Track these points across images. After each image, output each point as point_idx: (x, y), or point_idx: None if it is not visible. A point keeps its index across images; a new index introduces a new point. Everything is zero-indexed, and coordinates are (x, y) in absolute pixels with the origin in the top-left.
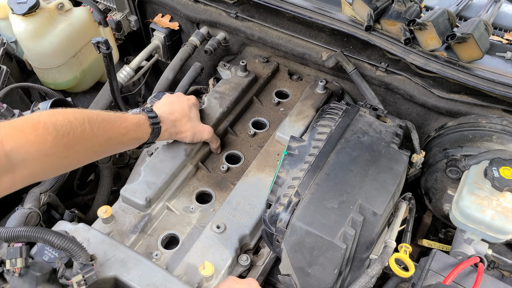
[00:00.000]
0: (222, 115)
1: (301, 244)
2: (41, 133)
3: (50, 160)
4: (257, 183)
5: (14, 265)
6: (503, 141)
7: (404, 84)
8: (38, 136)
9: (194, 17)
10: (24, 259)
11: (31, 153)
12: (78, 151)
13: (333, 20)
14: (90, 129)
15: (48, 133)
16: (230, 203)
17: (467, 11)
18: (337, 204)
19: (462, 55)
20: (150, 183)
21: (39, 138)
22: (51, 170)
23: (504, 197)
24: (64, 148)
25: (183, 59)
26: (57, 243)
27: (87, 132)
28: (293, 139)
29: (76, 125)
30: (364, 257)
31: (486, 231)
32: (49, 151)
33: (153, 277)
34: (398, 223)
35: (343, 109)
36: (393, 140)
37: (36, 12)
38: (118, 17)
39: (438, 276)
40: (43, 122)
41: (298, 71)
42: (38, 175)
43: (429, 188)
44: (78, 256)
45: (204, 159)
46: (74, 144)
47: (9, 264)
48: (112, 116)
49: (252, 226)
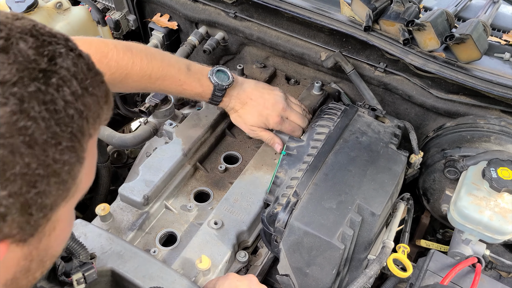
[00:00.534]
0: (219, 116)
1: (299, 244)
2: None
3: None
4: (254, 181)
5: None
6: (501, 141)
7: (402, 85)
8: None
9: (193, 16)
10: None
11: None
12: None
13: (332, 20)
14: (149, 86)
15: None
16: (228, 200)
17: (465, 12)
18: (335, 204)
19: (460, 55)
20: (148, 181)
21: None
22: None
23: (502, 197)
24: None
25: None
26: None
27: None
28: (292, 139)
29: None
30: (362, 257)
31: (484, 232)
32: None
33: (149, 269)
34: (396, 224)
35: (341, 110)
36: (391, 140)
37: (34, 11)
38: (117, 16)
39: (436, 277)
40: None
41: (295, 75)
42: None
43: (427, 188)
44: (78, 254)
45: (202, 160)
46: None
47: None
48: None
49: (249, 222)
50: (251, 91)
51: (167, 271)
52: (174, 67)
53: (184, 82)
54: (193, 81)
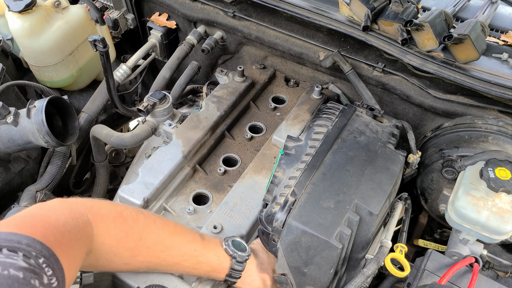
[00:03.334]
0: (219, 118)
1: (297, 243)
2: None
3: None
4: (253, 185)
5: None
6: (499, 142)
7: (401, 85)
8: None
9: (191, 16)
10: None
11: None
12: (141, 261)
13: (330, 20)
14: (163, 257)
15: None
16: (227, 204)
17: (464, 12)
18: (333, 203)
19: (458, 56)
20: (148, 183)
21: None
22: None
23: (500, 197)
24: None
25: (180, 58)
26: None
27: (158, 256)
28: (290, 139)
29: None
30: (360, 256)
31: (481, 232)
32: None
33: (150, 274)
34: (394, 223)
35: (340, 109)
36: (389, 140)
37: (33, 10)
38: (115, 15)
39: (433, 276)
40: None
41: (293, 75)
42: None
43: (425, 188)
44: None
45: (201, 162)
46: (138, 254)
47: None
48: (190, 251)
49: (248, 227)
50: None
51: (168, 277)
52: (186, 236)
53: (200, 254)
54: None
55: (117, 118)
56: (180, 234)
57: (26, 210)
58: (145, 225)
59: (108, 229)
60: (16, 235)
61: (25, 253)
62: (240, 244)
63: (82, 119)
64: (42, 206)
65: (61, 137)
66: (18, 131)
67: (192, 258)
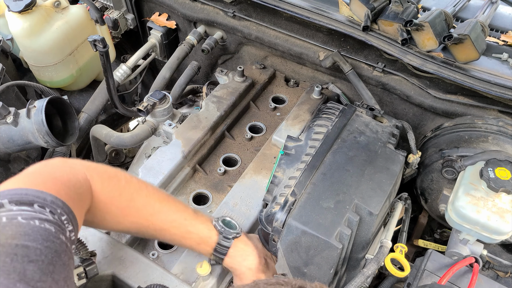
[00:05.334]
0: (219, 118)
1: (297, 243)
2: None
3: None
4: (253, 185)
5: None
6: (499, 142)
7: (401, 85)
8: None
9: (191, 16)
10: None
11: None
12: (131, 222)
13: (330, 20)
14: (152, 220)
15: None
16: (227, 204)
17: (464, 12)
18: (333, 203)
19: (458, 56)
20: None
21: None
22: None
23: (500, 197)
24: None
25: (180, 58)
26: None
27: (150, 221)
28: (290, 139)
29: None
30: (360, 257)
31: (481, 232)
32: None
33: (150, 274)
34: (394, 223)
35: (339, 109)
36: (389, 140)
37: (33, 10)
38: (115, 15)
39: (433, 276)
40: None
41: (293, 75)
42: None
43: (425, 188)
44: (78, 250)
45: (201, 162)
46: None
47: None
48: (180, 220)
49: (248, 227)
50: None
51: (168, 277)
52: (177, 205)
53: (190, 223)
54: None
55: (117, 118)
56: (171, 203)
57: (31, 168)
58: (137, 188)
59: (103, 187)
60: (42, 193)
61: (51, 209)
62: (230, 222)
63: (82, 119)
64: (45, 164)
65: (61, 137)
66: (18, 131)
67: (182, 226)
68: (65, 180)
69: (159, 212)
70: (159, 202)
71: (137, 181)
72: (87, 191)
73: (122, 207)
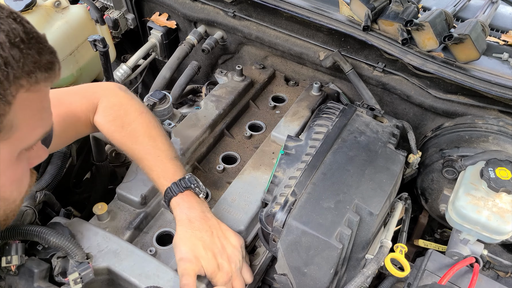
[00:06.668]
0: (218, 117)
1: (298, 243)
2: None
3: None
4: (252, 181)
5: (9, 263)
6: (499, 142)
7: (401, 84)
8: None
9: (191, 15)
10: (20, 257)
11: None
12: (120, 138)
13: (330, 20)
14: (132, 148)
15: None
16: (226, 200)
17: (464, 12)
18: (333, 203)
19: (459, 55)
20: (146, 180)
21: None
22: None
23: (500, 197)
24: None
25: (180, 58)
26: (53, 241)
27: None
28: (290, 139)
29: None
30: (360, 257)
31: (481, 232)
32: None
33: (145, 267)
34: (394, 223)
35: (340, 109)
36: (389, 140)
37: (33, 10)
38: (115, 15)
39: (433, 276)
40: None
41: (294, 75)
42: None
43: (425, 188)
44: (74, 254)
45: (200, 160)
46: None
47: (5, 261)
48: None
49: (247, 222)
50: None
51: (163, 269)
52: (157, 142)
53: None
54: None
55: None
56: (153, 139)
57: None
58: (132, 118)
59: (105, 109)
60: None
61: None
62: (202, 186)
63: None
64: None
65: None
66: None
67: (153, 159)
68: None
69: (141, 143)
70: (143, 135)
71: (134, 111)
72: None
73: (112, 131)
